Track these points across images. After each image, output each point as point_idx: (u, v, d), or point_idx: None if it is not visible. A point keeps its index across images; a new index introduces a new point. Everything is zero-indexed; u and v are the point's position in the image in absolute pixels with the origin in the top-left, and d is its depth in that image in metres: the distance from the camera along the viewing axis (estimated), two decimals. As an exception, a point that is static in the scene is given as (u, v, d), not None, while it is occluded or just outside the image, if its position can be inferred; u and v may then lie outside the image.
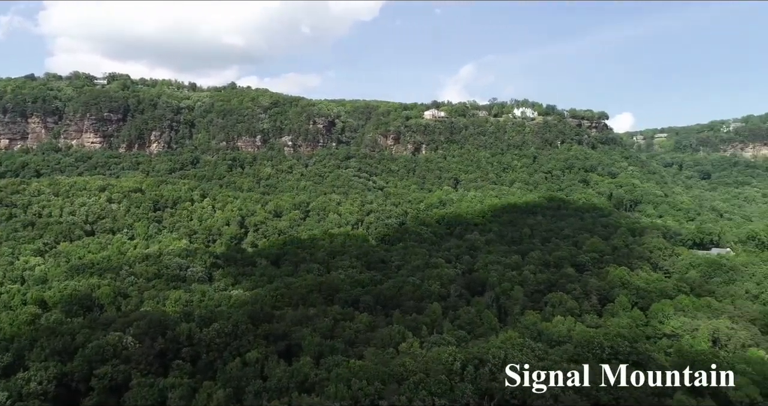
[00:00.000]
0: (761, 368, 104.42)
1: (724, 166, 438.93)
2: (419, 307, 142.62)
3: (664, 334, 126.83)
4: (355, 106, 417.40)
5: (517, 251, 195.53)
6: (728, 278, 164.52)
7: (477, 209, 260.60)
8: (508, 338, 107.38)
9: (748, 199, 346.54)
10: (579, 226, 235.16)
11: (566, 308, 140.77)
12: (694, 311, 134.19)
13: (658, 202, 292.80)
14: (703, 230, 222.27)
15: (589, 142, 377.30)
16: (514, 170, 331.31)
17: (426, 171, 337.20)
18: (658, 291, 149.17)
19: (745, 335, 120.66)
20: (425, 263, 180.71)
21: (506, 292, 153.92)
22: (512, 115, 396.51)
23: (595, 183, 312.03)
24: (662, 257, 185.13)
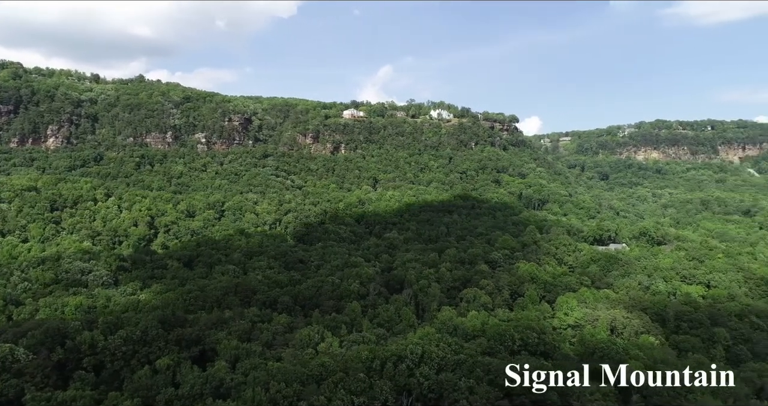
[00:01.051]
0: (652, 353, 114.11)
1: (620, 168, 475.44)
2: (339, 306, 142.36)
3: (569, 325, 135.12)
4: (273, 104, 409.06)
5: (434, 249, 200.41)
6: (624, 271, 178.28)
7: (395, 208, 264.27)
8: (426, 334, 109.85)
9: (640, 199, 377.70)
10: (492, 224, 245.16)
11: (480, 303, 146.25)
12: (595, 302, 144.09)
13: (563, 201, 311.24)
14: (602, 227, 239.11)
15: (501, 144, 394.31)
16: (431, 170, 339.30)
17: (345, 170, 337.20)
18: (563, 285, 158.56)
19: (639, 323, 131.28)
20: (344, 263, 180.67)
21: (424, 289, 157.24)
22: (429, 117, 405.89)
23: (507, 183, 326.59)
24: (567, 253, 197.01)
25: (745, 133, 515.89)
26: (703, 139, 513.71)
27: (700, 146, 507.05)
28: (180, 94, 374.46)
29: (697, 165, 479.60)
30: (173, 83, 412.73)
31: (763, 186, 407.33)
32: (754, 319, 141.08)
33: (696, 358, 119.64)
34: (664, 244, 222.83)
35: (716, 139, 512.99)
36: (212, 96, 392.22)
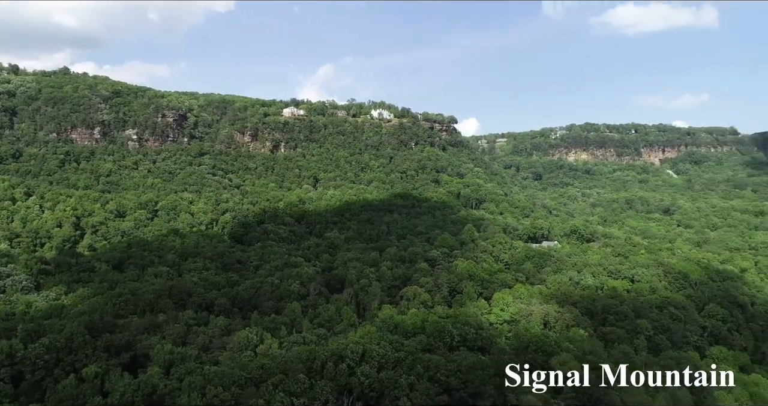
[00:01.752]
0: (581, 345, 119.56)
1: (552, 169, 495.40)
2: (278, 307, 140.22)
3: (505, 320, 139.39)
4: (210, 100, 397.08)
5: (374, 248, 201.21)
6: (556, 267, 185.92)
7: (336, 207, 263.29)
8: (366, 333, 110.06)
9: (571, 198, 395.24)
10: (432, 223, 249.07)
11: (420, 300, 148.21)
12: (529, 298, 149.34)
13: (499, 200, 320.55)
14: (536, 226, 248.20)
15: (440, 144, 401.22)
16: (371, 170, 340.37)
17: (285, 169, 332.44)
18: (499, 281, 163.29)
19: (569, 317, 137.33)
20: (284, 263, 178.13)
21: (364, 288, 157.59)
22: (370, 116, 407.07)
23: (446, 183, 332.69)
24: (503, 251, 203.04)
25: (664, 136, 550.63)
26: (628, 141, 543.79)
27: (625, 148, 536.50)
28: (109, 88, 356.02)
29: (622, 166, 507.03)
30: (101, 76, 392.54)
31: (681, 186, 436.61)
32: (672, 310, 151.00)
33: (621, 348, 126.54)
34: (592, 241, 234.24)
35: (639, 141, 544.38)
36: (144, 91, 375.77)
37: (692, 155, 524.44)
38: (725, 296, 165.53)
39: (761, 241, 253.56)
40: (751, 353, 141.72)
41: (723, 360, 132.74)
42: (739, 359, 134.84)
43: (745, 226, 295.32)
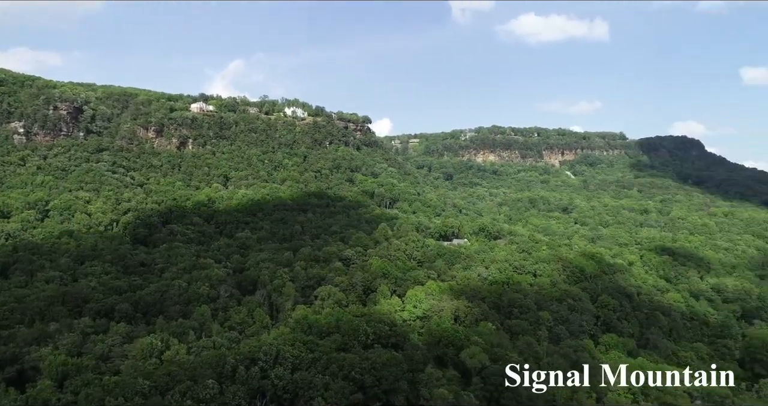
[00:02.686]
0: (489, 338, 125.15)
1: (462, 169, 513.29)
2: (186, 311, 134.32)
3: (417, 316, 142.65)
4: (109, 93, 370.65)
5: (288, 248, 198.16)
6: (466, 264, 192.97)
7: (248, 206, 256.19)
8: (280, 334, 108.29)
9: (479, 197, 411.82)
10: (346, 222, 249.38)
11: (335, 300, 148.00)
12: (440, 294, 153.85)
13: (412, 199, 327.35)
14: (447, 224, 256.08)
15: (354, 144, 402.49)
16: (285, 169, 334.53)
17: (193, 167, 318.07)
18: (412, 279, 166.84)
19: (478, 311, 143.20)
20: (192, 265, 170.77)
21: (278, 289, 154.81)
22: (283, 114, 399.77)
23: (360, 182, 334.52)
24: (416, 249, 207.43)
25: (563, 140, 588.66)
26: (531, 144, 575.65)
27: (529, 151, 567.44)
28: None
29: (526, 167, 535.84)
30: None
31: (578, 187, 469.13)
32: (570, 302, 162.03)
33: (525, 340, 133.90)
34: (499, 238, 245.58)
35: (541, 144, 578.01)
36: (33, 80, 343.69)
37: (587, 158, 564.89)
38: (615, 288, 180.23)
39: (645, 236, 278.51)
40: (637, 338, 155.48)
41: (613, 346, 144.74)
42: (627, 344, 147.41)
43: (632, 223, 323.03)
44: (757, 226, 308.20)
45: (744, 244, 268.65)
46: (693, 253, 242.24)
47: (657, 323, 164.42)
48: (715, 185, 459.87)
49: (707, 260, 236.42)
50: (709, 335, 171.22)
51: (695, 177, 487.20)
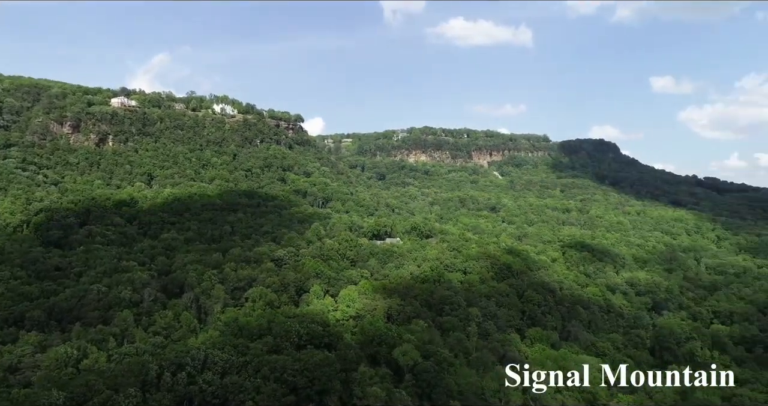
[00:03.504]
0: (421, 335, 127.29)
1: (394, 169, 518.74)
2: (106, 317, 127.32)
3: (351, 316, 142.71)
4: (17, 84, 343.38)
5: (217, 249, 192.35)
6: (398, 263, 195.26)
7: (174, 206, 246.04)
8: (209, 338, 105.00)
9: (411, 197, 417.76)
10: (278, 222, 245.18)
11: (266, 301, 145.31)
12: (373, 293, 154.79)
13: (345, 199, 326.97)
14: (380, 223, 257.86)
15: (286, 142, 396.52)
16: (214, 167, 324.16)
17: (114, 165, 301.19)
18: (345, 278, 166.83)
19: (410, 309, 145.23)
20: (113, 268, 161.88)
21: (206, 291, 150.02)
22: (212, 111, 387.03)
23: (292, 181, 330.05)
24: (349, 248, 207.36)
25: (491, 141, 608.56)
26: (461, 145, 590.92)
27: (459, 151, 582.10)
28: None
29: (456, 168, 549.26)
30: None
31: (505, 186, 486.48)
32: (498, 298, 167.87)
33: (456, 336, 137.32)
34: (431, 237, 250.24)
35: (471, 145, 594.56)
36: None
37: (514, 159, 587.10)
38: (540, 283, 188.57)
39: (567, 234, 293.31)
40: (559, 331, 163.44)
41: (538, 339, 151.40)
42: (550, 337, 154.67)
43: (555, 221, 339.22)
44: (665, 223, 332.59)
45: (654, 240, 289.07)
46: (609, 249, 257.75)
47: (577, 316, 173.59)
48: (629, 185, 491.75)
49: (622, 255, 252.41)
50: (624, 326, 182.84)
51: (611, 178, 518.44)
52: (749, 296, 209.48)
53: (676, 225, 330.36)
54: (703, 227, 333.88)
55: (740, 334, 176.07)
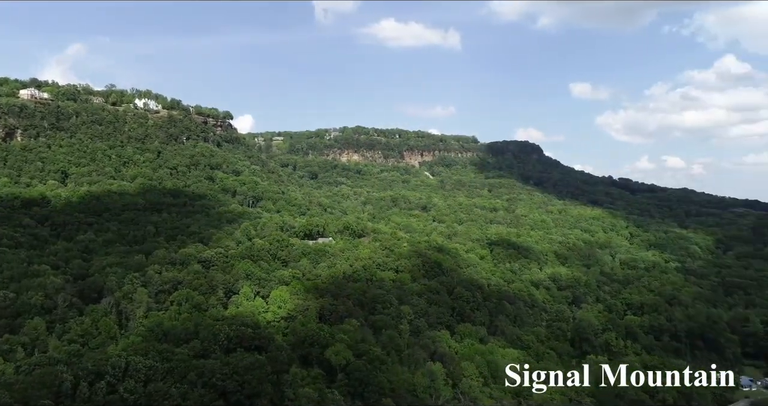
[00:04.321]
0: (354, 335, 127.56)
1: (327, 169, 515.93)
2: (14, 325, 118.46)
3: (282, 317, 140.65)
4: None
5: (140, 251, 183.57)
6: (331, 262, 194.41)
7: (91, 206, 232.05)
8: (130, 344, 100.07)
9: (344, 196, 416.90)
10: (206, 222, 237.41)
11: (193, 304, 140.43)
12: (305, 293, 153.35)
13: (276, 198, 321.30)
14: (312, 223, 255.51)
15: (214, 140, 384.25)
16: (136, 165, 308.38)
17: (23, 162, 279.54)
18: (276, 279, 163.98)
19: (343, 309, 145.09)
20: (23, 272, 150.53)
21: (128, 295, 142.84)
22: (134, 106, 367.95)
23: (221, 180, 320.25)
24: (280, 248, 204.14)
25: (423, 141, 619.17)
26: (393, 145, 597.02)
27: (391, 151, 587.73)
28: None
29: (388, 168, 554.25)
30: None
31: (435, 186, 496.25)
32: (429, 295, 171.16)
33: (388, 334, 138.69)
34: (363, 236, 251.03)
35: (402, 145, 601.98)
36: None
37: (444, 159, 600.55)
38: (469, 280, 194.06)
39: (494, 232, 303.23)
40: (487, 326, 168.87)
41: (467, 335, 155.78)
42: (479, 332, 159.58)
43: (483, 220, 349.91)
44: (584, 222, 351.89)
45: (574, 237, 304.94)
46: (533, 247, 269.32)
47: (504, 312, 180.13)
48: (552, 186, 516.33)
49: (545, 252, 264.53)
50: (547, 319, 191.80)
51: (535, 178, 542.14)
52: (658, 288, 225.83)
53: (593, 223, 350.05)
54: (617, 224, 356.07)
55: (650, 324, 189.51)
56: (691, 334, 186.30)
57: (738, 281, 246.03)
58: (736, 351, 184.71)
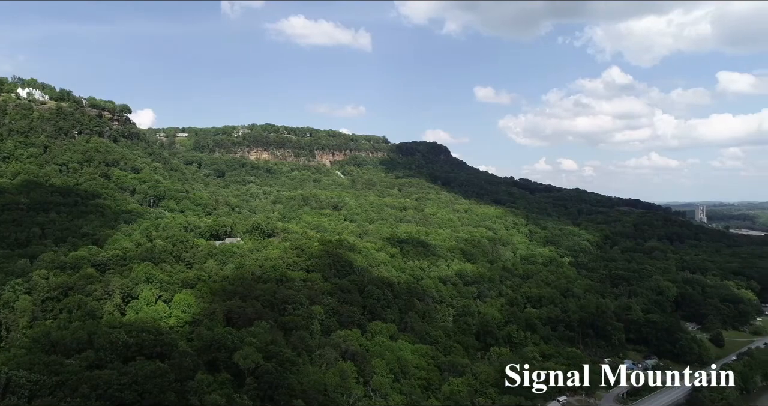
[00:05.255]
0: (264, 337, 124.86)
1: (235, 167, 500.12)
2: None
3: (187, 321, 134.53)
4: None
5: (22, 255, 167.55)
6: (239, 263, 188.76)
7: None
8: (11, 358, 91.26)
9: (253, 195, 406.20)
10: (101, 223, 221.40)
11: (86, 311, 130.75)
12: (212, 295, 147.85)
13: (180, 197, 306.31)
14: (219, 223, 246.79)
15: (111, 135, 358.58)
16: (18, 160, 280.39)
17: None
18: (180, 282, 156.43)
19: (252, 311, 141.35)
20: None
21: (9, 304, 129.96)
22: (15, 96, 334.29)
23: (118, 178, 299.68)
24: (184, 250, 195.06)
25: (334, 141, 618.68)
26: (304, 143, 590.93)
27: (302, 150, 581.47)
28: None
29: (299, 166, 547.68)
30: None
31: (347, 185, 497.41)
32: (340, 294, 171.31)
33: (299, 334, 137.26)
34: (273, 236, 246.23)
35: (313, 144, 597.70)
36: None
37: (355, 159, 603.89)
38: (380, 279, 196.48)
39: (404, 231, 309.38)
40: (398, 323, 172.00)
41: (379, 332, 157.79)
42: (389, 330, 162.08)
43: (393, 219, 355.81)
44: (488, 220, 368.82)
45: (479, 235, 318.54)
46: (442, 244, 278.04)
47: (414, 308, 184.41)
48: (458, 185, 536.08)
49: (452, 249, 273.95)
50: (454, 314, 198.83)
51: (443, 178, 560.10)
52: (554, 282, 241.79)
53: (497, 221, 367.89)
54: (518, 222, 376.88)
55: (547, 315, 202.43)
56: (583, 323, 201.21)
57: (622, 274, 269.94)
58: (621, 337, 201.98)
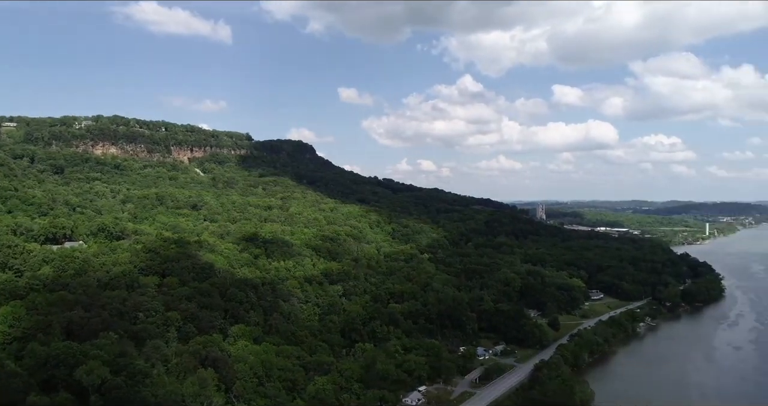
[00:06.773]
0: (111, 349, 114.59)
1: (77, 162, 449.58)
2: None
3: (15, 338, 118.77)
4: None
5: None
6: (81, 269, 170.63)
7: None
8: None
9: (98, 194, 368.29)
10: None
11: None
12: (47, 307, 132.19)
13: (7, 196, 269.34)
14: (57, 225, 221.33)
15: None
16: None
17: None
18: (7, 293, 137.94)
19: (97, 321, 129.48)
20: None
21: None
22: None
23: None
24: (13, 256, 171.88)
25: (192, 137, 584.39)
26: (159, 139, 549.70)
27: (156, 145, 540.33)
28: None
29: (153, 163, 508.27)
30: None
31: (208, 184, 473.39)
32: (200, 299, 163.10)
33: (153, 343, 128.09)
34: (123, 238, 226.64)
35: (170, 140, 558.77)
36: None
37: (216, 156, 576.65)
38: (242, 281, 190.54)
39: (269, 230, 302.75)
40: (262, 326, 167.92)
41: (242, 336, 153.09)
42: (253, 333, 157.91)
43: (258, 218, 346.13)
44: (353, 219, 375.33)
45: (344, 233, 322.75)
46: (307, 243, 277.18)
47: (279, 309, 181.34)
48: (324, 185, 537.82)
49: (319, 248, 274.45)
50: (320, 313, 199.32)
51: (309, 177, 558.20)
52: (415, 277, 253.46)
53: (362, 220, 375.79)
54: (382, 221, 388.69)
55: (409, 310, 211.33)
56: (441, 315, 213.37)
57: (476, 267, 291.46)
58: (474, 327, 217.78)
